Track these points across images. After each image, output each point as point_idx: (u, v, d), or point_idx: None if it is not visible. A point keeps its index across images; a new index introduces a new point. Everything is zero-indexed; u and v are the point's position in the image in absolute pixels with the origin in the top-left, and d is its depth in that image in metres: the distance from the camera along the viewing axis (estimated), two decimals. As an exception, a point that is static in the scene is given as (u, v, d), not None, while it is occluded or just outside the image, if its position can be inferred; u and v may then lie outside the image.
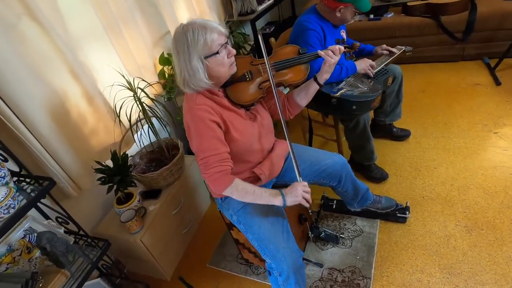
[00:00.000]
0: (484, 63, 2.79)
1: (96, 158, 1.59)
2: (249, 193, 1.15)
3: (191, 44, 1.04)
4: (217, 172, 1.11)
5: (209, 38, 1.05)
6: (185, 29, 1.05)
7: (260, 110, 1.30)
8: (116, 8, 1.73)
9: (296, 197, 1.13)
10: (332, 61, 1.22)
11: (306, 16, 1.77)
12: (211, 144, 1.10)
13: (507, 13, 2.54)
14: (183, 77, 1.09)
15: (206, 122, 1.10)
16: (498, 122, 2.18)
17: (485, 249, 1.52)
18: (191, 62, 1.06)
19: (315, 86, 1.31)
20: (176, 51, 1.08)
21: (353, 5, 1.65)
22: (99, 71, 1.65)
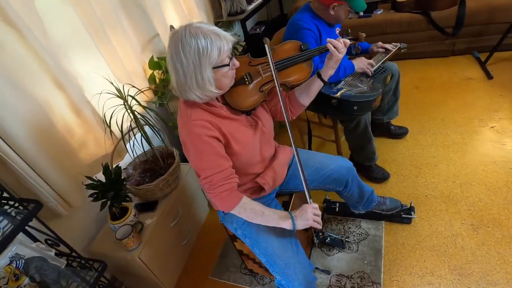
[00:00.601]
0: (474, 57, 2.80)
1: (87, 173, 1.48)
2: (258, 214, 1.08)
3: (203, 52, 0.92)
4: (223, 191, 1.03)
5: (222, 46, 0.95)
6: (194, 33, 0.92)
7: (261, 114, 1.21)
8: (100, 10, 1.63)
9: (306, 221, 1.07)
10: (339, 56, 1.13)
11: (300, 15, 1.72)
12: (212, 162, 1.02)
13: (495, 7, 2.56)
14: (187, 85, 0.97)
15: (204, 139, 1.00)
16: (494, 117, 2.18)
17: (494, 248, 1.49)
18: (202, 71, 0.94)
19: (318, 83, 1.21)
20: (180, 58, 0.94)
21: (347, 4, 1.60)
22: (85, 78, 1.54)
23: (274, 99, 1.28)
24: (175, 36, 0.96)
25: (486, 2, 2.59)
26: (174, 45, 0.95)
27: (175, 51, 0.95)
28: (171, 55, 0.97)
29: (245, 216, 1.09)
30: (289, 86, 1.19)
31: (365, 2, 1.62)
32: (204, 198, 2.04)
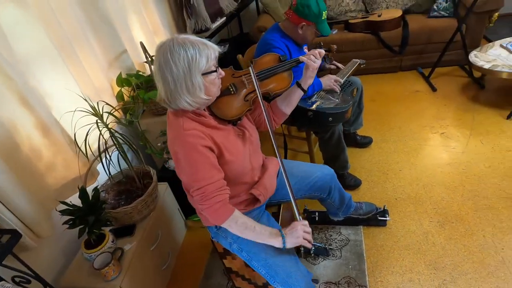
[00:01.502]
0: (419, 72, 3.14)
1: (55, 197, 1.36)
2: (249, 228, 1.07)
3: (192, 59, 0.95)
4: (216, 203, 1.02)
5: (210, 55, 0.98)
6: (181, 43, 0.95)
7: (246, 124, 1.23)
8: (67, 25, 1.55)
9: (297, 239, 1.07)
10: (315, 65, 1.21)
11: (270, 35, 1.79)
12: (206, 173, 1.01)
13: (433, 29, 2.91)
14: (177, 92, 0.98)
15: (198, 149, 1.00)
16: (442, 124, 2.44)
17: (460, 241, 1.64)
18: (192, 78, 0.96)
19: (299, 92, 1.27)
20: (169, 66, 0.95)
21: (315, 25, 1.71)
22: (54, 97, 1.43)
23: (257, 109, 1.31)
24: (163, 47, 0.98)
25: (425, 24, 2.95)
26: (163, 55, 0.96)
27: (164, 60, 0.96)
28: (159, 64, 0.98)
29: (235, 230, 1.08)
30: (272, 94, 1.24)
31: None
32: (181, 218, 1.96)
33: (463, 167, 2.04)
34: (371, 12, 3.31)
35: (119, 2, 1.90)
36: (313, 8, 1.64)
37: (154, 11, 2.28)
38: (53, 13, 1.44)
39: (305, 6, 1.64)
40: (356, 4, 3.36)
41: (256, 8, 3.90)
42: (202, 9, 2.64)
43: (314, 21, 1.68)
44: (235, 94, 1.17)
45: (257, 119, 1.32)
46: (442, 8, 2.99)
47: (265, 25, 3.10)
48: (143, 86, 1.87)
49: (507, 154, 2.07)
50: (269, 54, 1.30)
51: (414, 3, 3.22)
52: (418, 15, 3.15)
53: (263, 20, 3.25)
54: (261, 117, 1.32)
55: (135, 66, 2.02)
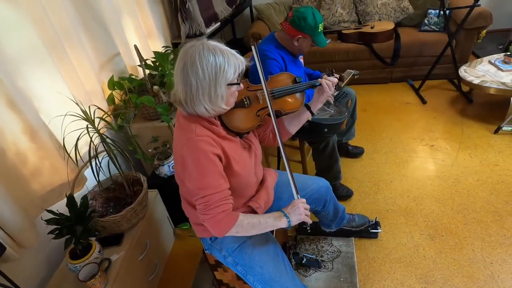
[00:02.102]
0: (409, 84, 3.19)
1: (40, 204, 1.30)
2: (255, 226, 1.06)
3: (221, 67, 0.94)
4: (221, 212, 0.99)
5: (238, 66, 0.98)
6: (212, 49, 0.94)
7: (252, 138, 1.23)
8: (59, 26, 1.50)
9: (299, 215, 1.09)
10: (329, 93, 1.22)
11: (266, 46, 1.77)
12: (213, 181, 0.98)
13: (424, 42, 2.98)
14: (198, 98, 0.96)
15: (209, 156, 0.97)
16: (432, 136, 2.48)
17: (450, 254, 1.66)
18: (217, 86, 0.95)
19: (307, 114, 1.29)
20: (195, 69, 0.93)
21: (311, 38, 1.70)
22: (42, 99, 1.37)
23: (264, 125, 1.31)
24: (192, 49, 0.96)
25: (417, 38, 3.01)
26: (190, 57, 0.94)
27: (190, 63, 0.94)
28: (183, 66, 0.95)
29: (242, 233, 1.06)
30: (283, 113, 1.25)
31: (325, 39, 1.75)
32: (170, 226, 1.92)
33: (453, 180, 2.07)
34: (364, 23, 3.36)
35: (113, 3, 1.86)
36: (309, 21, 1.62)
37: (148, 14, 2.24)
38: (44, 12, 1.38)
39: (301, 19, 1.63)
40: (349, 15, 3.40)
41: (250, 14, 3.91)
42: (197, 13, 2.62)
43: (310, 33, 1.67)
44: (248, 107, 1.16)
45: (262, 134, 1.32)
46: (433, 23, 3.06)
47: (260, 32, 3.10)
48: (135, 90, 1.82)
49: (494, 168, 2.11)
50: (285, 73, 1.31)
51: (406, 17, 3.28)
52: (409, 28, 3.21)
53: (257, 26, 3.24)
54: (265, 132, 1.32)
55: (128, 69, 1.97)
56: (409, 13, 3.26)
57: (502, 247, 1.65)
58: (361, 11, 3.37)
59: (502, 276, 1.53)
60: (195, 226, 1.22)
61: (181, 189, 1.19)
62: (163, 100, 1.82)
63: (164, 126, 1.85)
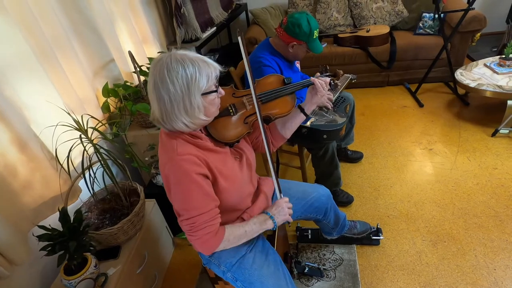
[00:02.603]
0: (405, 87, 3.19)
1: (31, 218, 1.24)
2: (241, 237, 1.05)
3: (192, 78, 0.89)
4: (206, 234, 0.95)
5: (210, 73, 0.92)
6: (180, 60, 0.89)
7: (244, 146, 1.17)
8: (50, 32, 1.45)
9: (284, 216, 1.10)
10: (323, 92, 1.17)
11: (261, 52, 1.74)
12: (198, 202, 0.94)
13: (420, 46, 2.98)
14: (173, 113, 0.91)
15: (191, 177, 0.92)
16: (430, 140, 2.47)
17: (453, 261, 1.63)
18: (191, 98, 0.90)
19: (301, 117, 1.23)
20: (165, 84, 0.88)
21: (306, 44, 1.67)
22: (32, 108, 1.32)
23: (256, 131, 1.25)
24: (160, 63, 0.91)
25: (412, 41, 3.01)
26: (159, 72, 0.89)
27: (160, 78, 0.89)
28: (154, 82, 0.91)
29: (230, 246, 1.04)
30: (273, 118, 1.18)
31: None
32: (169, 236, 1.87)
33: (452, 184, 2.06)
34: (359, 27, 3.36)
35: (106, 8, 1.81)
36: (304, 28, 1.59)
37: (143, 18, 2.20)
38: (34, 18, 1.34)
39: (296, 26, 1.59)
40: (345, 19, 3.40)
41: (246, 18, 3.89)
42: (193, 18, 2.59)
43: (305, 40, 1.64)
44: (234, 115, 1.10)
45: (255, 141, 1.26)
46: (428, 26, 3.07)
47: (256, 36, 3.07)
48: (131, 97, 1.78)
49: (493, 172, 2.11)
50: (273, 75, 1.23)
51: (400, 20, 3.29)
52: (404, 32, 3.22)
53: (253, 31, 3.22)
54: (259, 139, 1.26)
55: (123, 76, 1.93)
56: (403, 16, 3.27)
57: (504, 253, 1.64)
58: (356, 15, 3.37)
59: (506, 282, 1.51)
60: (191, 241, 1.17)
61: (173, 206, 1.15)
62: (159, 107, 1.78)
63: (161, 133, 1.81)
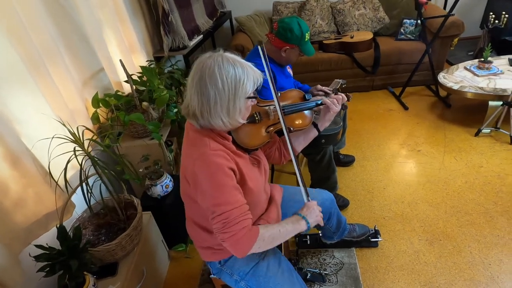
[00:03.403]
0: (389, 91, 3.28)
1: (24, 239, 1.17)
2: (276, 236, 1.00)
3: (240, 80, 0.91)
4: (241, 229, 0.92)
5: (256, 80, 0.96)
6: (231, 61, 0.91)
7: (260, 154, 1.19)
8: (39, 41, 1.39)
9: (316, 217, 1.08)
10: (336, 110, 1.21)
11: (254, 58, 1.72)
12: (231, 196, 0.93)
13: (402, 51, 3.09)
14: (215, 110, 0.92)
15: (225, 171, 0.92)
16: (417, 141, 2.55)
17: (450, 258, 1.67)
18: (236, 99, 0.92)
19: (314, 132, 1.28)
20: (214, 81, 0.89)
21: (298, 48, 1.69)
22: (24, 121, 1.25)
23: (271, 143, 1.28)
24: (210, 60, 0.92)
25: (395, 46, 3.11)
26: (208, 68, 0.90)
27: (209, 74, 0.90)
28: (200, 77, 0.91)
29: (265, 247, 0.99)
30: (293, 130, 1.23)
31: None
32: (164, 249, 1.81)
33: (443, 184, 2.12)
34: (343, 33, 3.44)
35: (95, 17, 1.77)
36: (295, 32, 1.61)
37: (130, 28, 2.16)
38: (23, 28, 1.28)
39: (287, 30, 1.61)
40: (328, 26, 3.47)
41: (230, 26, 3.90)
42: (180, 26, 2.56)
43: (297, 44, 1.66)
44: (259, 123, 1.14)
45: (267, 151, 1.29)
46: (409, 32, 3.18)
47: (242, 43, 3.08)
48: (123, 107, 1.73)
49: (480, 170, 2.19)
50: (294, 90, 1.31)
51: (382, 26, 3.40)
52: (387, 38, 3.32)
53: (239, 38, 3.23)
54: (271, 150, 1.29)
55: (113, 85, 1.87)
56: (385, 23, 3.38)
57: (497, 247, 1.70)
58: (340, 21, 3.45)
59: (501, 276, 1.56)
60: (201, 249, 1.14)
61: (189, 209, 1.12)
62: (153, 117, 1.74)
63: (155, 143, 1.77)
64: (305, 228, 1.06)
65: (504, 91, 2.31)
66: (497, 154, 2.30)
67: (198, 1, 3.09)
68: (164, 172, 1.73)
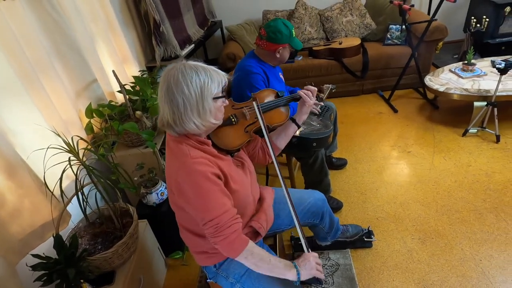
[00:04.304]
0: (379, 95, 3.36)
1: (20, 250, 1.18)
2: (264, 260, 1.01)
3: (205, 83, 0.95)
4: (232, 233, 0.95)
5: (220, 80, 0.99)
6: (193, 67, 0.96)
7: (243, 155, 1.22)
8: (32, 54, 1.41)
9: (311, 270, 1.04)
10: (311, 102, 1.26)
11: (248, 62, 1.82)
12: (218, 201, 0.96)
13: (390, 55, 3.17)
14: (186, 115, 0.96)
15: (208, 177, 0.95)
16: (407, 143, 2.60)
17: (442, 256, 1.71)
18: (204, 101, 0.96)
19: (293, 127, 1.32)
20: (180, 88, 0.94)
21: (289, 45, 1.78)
22: (18, 133, 1.27)
23: (252, 143, 1.31)
24: (174, 70, 0.97)
25: (382, 51, 3.20)
26: (173, 77, 0.95)
27: (174, 82, 0.95)
28: (168, 86, 0.96)
29: (251, 262, 1.01)
30: (271, 127, 1.27)
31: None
32: (161, 257, 1.82)
33: (433, 183, 2.17)
34: (331, 39, 3.52)
35: (88, 30, 1.80)
36: (284, 31, 1.70)
37: (122, 39, 2.19)
38: (16, 41, 1.31)
39: (277, 32, 1.70)
40: (317, 32, 3.55)
41: (221, 35, 3.97)
42: (172, 36, 2.61)
43: (288, 42, 1.75)
44: (236, 124, 1.18)
45: (251, 152, 1.31)
46: (395, 37, 3.27)
47: (234, 52, 3.13)
48: (116, 116, 1.75)
49: (468, 169, 2.25)
50: (267, 90, 1.38)
51: (369, 32, 3.49)
52: (374, 43, 3.41)
53: (231, 47, 3.28)
54: (254, 150, 1.32)
55: (106, 95, 1.90)
56: (372, 29, 3.48)
57: (487, 243, 1.74)
58: (328, 28, 3.53)
59: (492, 271, 1.60)
60: (196, 254, 1.16)
61: (180, 217, 1.14)
62: (147, 126, 1.76)
63: (149, 152, 1.79)
64: (295, 278, 1.02)
65: (488, 92, 2.39)
66: (484, 153, 2.37)
67: (189, 12, 3.15)
68: (159, 179, 1.74)
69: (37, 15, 1.47)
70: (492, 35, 3.38)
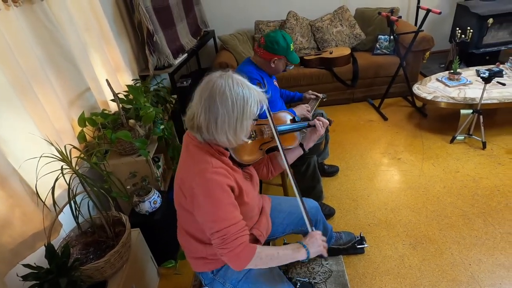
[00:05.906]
0: (369, 103, 3.42)
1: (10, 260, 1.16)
2: (274, 258, 1.03)
3: (248, 102, 0.96)
4: (239, 245, 0.96)
5: (261, 101, 1.01)
6: (240, 83, 0.97)
7: (251, 169, 1.25)
8: (26, 64, 1.42)
9: (318, 247, 1.07)
10: (321, 132, 1.34)
11: (246, 67, 1.87)
12: (228, 213, 0.97)
13: (379, 65, 3.25)
14: (223, 129, 0.96)
15: (224, 188, 0.96)
16: (397, 150, 2.65)
17: (432, 261, 1.74)
18: (243, 120, 0.97)
19: (300, 151, 1.37)
20: (224, 100, 0.93)
21: (285, 58, 1.82)
22: (10, 141, 1.26)
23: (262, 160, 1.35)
24: (221, 80, 0.96)
25: (372, 61, 3.27)
26: (219, 88, 0.95)
27: (220, 93, 0.94)
28: (210, 94, 0.95)
29: (261, 265, 1.03)
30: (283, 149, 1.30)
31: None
32: (154, 266, 1.80)
33: (423, 189, 2.22)
34: (322, 49, 3.60)
35: (81, 39, 1.81)
36: (281, 43, 1.75)
37: (115, 48, 2.21)
38: (10, 50, 1.31)
39: (274, 43, 1.74)
40: (308, 42, 3.62)
41: (214, 45, 4.01)
42: (165, 46, 2.63)
43: (284, 54, 1.80)
44: (254, 140, 1.23)
45: (256, 167, 1.34)
46: (384, 47, 3.36)
47: (226, 61, 3.17)
48: (109, 125, 1.75)
49: (456, 175, 2.30)
50: (284, 111, 1.43)
51: (359, 42, 3.58)
52: (364, 53, 3.49)
53: (223, 56, 3.32)
54: (259, 166, 1.35)
55: (99, 104, 1.90)
56: (361, 39, 3.56)
57: (476, 248, 1.77)
58: (319, 38, 3.61)
59: (481, 275, 1.63)
60: (193, 260, 1.16)
61: (183, 220, 1.14)
62: (140, 134, 1.77)
63: (142, 160, 1.79)
64: (305, 257, 1.06)
65: (474, 100, 2.47)
66: (471, 159, 2.43)
67: (182, 22, 3.18)
68: (152, 188, 1.74)
69: (30, 24, 1.48)
70: (476, 46, 3.49)
